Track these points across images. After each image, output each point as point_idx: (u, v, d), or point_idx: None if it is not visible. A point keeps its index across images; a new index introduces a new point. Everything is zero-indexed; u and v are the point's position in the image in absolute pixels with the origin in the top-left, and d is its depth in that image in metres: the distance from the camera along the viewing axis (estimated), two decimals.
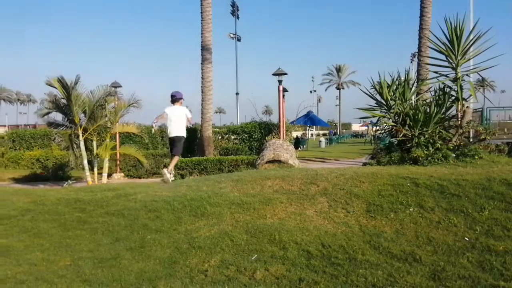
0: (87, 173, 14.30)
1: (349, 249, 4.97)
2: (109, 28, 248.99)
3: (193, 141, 25.54)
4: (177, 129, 9.20)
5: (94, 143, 14.96)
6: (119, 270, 4.83)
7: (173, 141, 9.28)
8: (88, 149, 15.50)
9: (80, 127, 14.13)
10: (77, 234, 6.17)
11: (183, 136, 9.30)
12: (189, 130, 30.37)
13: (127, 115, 16.32)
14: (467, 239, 5.04)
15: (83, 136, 14.24)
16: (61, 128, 14.92)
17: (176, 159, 9.35)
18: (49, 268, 5.02)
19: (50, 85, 13.86)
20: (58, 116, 15.36)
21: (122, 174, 19.85)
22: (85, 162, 14.30)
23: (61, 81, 13.48)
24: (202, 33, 23.46)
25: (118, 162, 18.83)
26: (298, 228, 5.65)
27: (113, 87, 17.77)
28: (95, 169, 14.84)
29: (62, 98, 14.11)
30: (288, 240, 5.28)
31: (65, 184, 14.39)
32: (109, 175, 16.91)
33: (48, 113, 15.16)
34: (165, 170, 8.90)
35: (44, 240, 6.02)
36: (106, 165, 14.82)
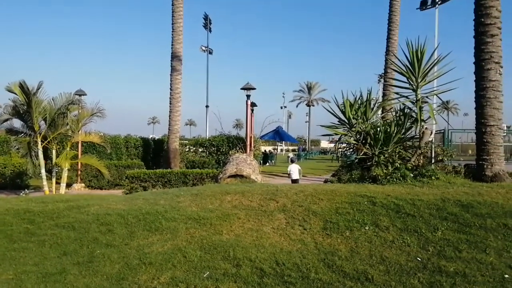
0: (45, 182, 13.82)
1: (303, 267, 4.93)
2: (78, 37, 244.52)
3: (159, 152, 25.21)
4: None
5: (54, 152, 14.50)
6: (63, 285, 4.63)
7: None
8: (48, 158, 15.02)
9: (40, 135, 13.68)
10: (23, 246, 5.89)
11: None
12: (156, 141, 30.04)
13: (95, 123, 15.96)
14: (419, 259, 5.08)
15: (42, 144, 13.78)
16: (20, 135, 14.40)
17: None
18: None
19: (10, 91, 13.39)
20: (18, 123, 14.84)
21: (83, 184, 19.35)
22: (43, 171, 13.83)
23: (22, 87, 13.05)
24: (172, 44, 23.38)
25: (79, 172, 18.33)
26: (254, 244, 5.58)
27: (77, 95, 17.37)
28: (53, 179, 14.35)
29: (22, 104, 13.64)
30: (243, 257, 5.19)
31: (22, 193, 13.86)
32: (69, 185, 16.45)
33: (7, 119, 14.60)
34: None
35: None
36: (65, 174, 14.35)
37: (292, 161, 16.45)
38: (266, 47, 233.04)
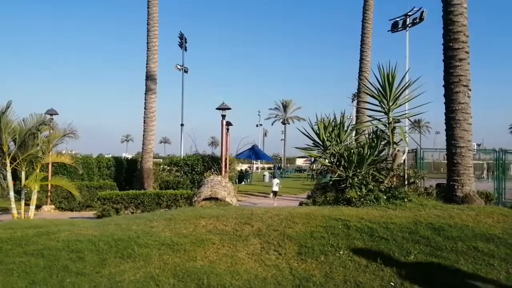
0: (13, 205, 13.36)
1: None
2: (47, 54, 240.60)
3: (132, 172, 24.85)
4: None
5: (23, 173, 14.10)
6: None
7: None
8: (17, 179, 14.59)
9: (9, 156, 13.30)
10: None
11: None
12: (129, 161, 29.59)
13: (66, 144, 15.62)
14: (392, 284, 5.11)
15: (11, 165, 13.39)
16: None
17: None
18: None
19: None
20: None
21: (53, 206, 18.87)
22: (11, 193, 13.39)
23: None
24: (147, 64, 23.32)
25: (49, 194, 17.87)
26: (229, 271, 5.51)
27: (48, 114, 17.05)
28: (22, 201, 13.92)
29: None
30: (217, 285, 5.12)
31: None
32: (39, 207, 15.99)
33: None
34: None
35: None
36: (34, 197, 13.94)
37: (274, 177, 22.94)
38: (242, 64, 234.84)
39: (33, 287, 5.26)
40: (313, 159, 11.00)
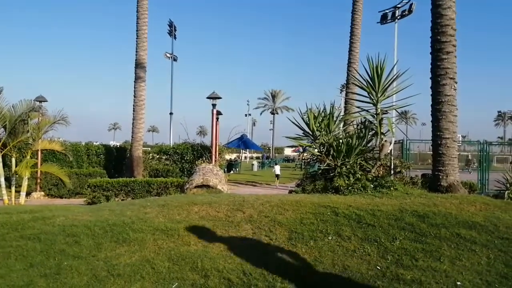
0: (3, 191, 13.42)
1: (269, 277, 5.09)
2: (43, 40, 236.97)
3: (122, 160, 24.88)
4: None
5: (13, 160, 14.11)
6: None
7: None
8: (7, 166, 14.60)
9: None
10: None
11: None
12: (118, 149, 29.57)
13: (55, 131, 15.61)
14: (379, 267, 5.35)
15: (1, 152, 13.40)
16: None
17: None
18: None
19: None
20: None
21: (43, 193, 18.88)
22: (2, 179, 13.43)
23: None
24: (136, 51, 23.22)
25: (38, 181, 17.86)
26: (222, 255, 5.70)
27: (37, 101, 16.98)
28: (13, 188, 13.96)
29: None
30: (210, 268, 5.30)
31: None
32: (28, 194, 16.01)
33: None
34: None
35: None
36: (25, 183, 13.99)
37: (276, 163, 31.95)
38: (231, 54, 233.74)
39: (31, 269, 5.40)
40: (302, 149, 11.19)
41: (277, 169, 29.87)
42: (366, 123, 10.02)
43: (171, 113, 42.45)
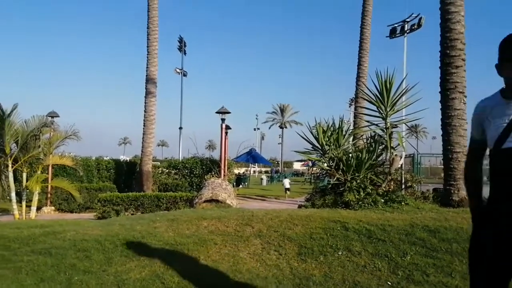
0: (14, 206, 13.54)
1: None
2: (54, 56, 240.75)
3: (131, 175, 25.00)
4: None
5: (24, 175, 14.26)
6: None
7: None
8: (18, 180, 14.75)
9: (11, 158, 13.46)
10: None
11: None
12: (128, 163, 29.74)
13: (66, 145, 15.80)
14: (389, 283, 5.29)
15: (12, 166, 13.55)
16: None
17: None
18: None
19: None
20: None
21: (53, 207, 19.00)
22: (13, 194, 13.56)
23: None
24: (147, 67, 23.50)
25: (49, 195, 18.00)
26: (231, 270, 5.68)
27: (49, 116, 17.21)
28: (24, 203, 14.08)
29: None
30: (220, 283, 5.28)
31: None
32: (39, 209, 16.11)
33: None
34: None
35: None
36: (35, 198, 14.11)
37: (285, 177, 30.54)
38: (240, 68, 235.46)
39: (42, 284, 5.42)
40: (311, 163, 11.19)
41: (286, 182, 30.33)
42: (376, 137, 9.99)
43: (180, 128, 42.86)
